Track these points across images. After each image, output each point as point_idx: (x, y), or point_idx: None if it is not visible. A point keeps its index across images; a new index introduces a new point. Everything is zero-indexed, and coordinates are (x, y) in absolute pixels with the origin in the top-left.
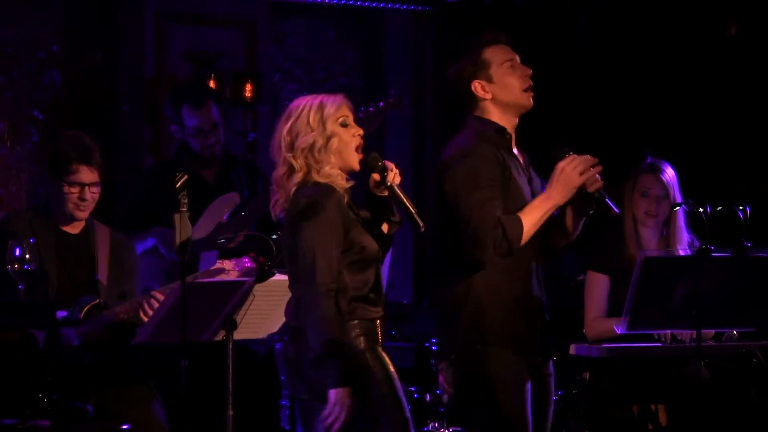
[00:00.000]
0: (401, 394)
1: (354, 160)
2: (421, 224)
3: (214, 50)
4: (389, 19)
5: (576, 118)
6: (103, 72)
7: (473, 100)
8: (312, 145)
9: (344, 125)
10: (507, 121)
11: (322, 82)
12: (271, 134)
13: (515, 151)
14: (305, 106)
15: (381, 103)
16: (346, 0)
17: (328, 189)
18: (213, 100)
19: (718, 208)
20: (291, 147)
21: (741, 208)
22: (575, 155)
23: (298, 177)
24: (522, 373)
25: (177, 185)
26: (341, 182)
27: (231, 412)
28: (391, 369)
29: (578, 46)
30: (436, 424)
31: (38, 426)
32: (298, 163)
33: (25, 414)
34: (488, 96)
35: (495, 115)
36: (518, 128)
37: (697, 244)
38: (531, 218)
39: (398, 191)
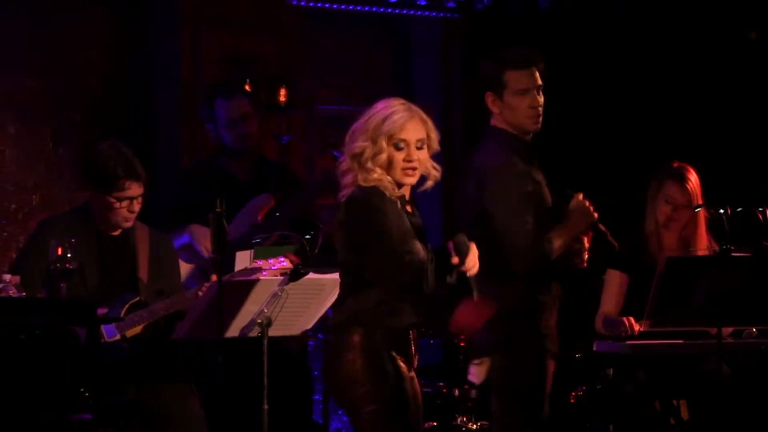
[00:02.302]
0: (398, 409)
1: (401, 180)
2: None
3: (248, 56)
4: (419, 26)
5: (602, 121)
6: (141, 77)
7: (490, 110)
8: (360, 154)
9: (398, 148)
10: (519, 133)
11: (354, 87)
12: (304, 137)
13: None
14: (375, 113)
15: None
16: (376, 7)
17: (376, 192)
18: (244, 94)
19: (738, 210)
20: (348, 146)
21: (760, 209)
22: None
23: (350, 177)
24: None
25: (213, 187)
26: (391, 189)
27: (266, 407)
28: (394, 382)
29: (603, 51)
30: (465, 419)
31: (80, 420)
32: (349, 164)
33: (67, 408)
34: (496, 110)
35: (501, 127)
36: (546, 130)
37: (715, 245)
38: (558, 241)
39: (471, 281)
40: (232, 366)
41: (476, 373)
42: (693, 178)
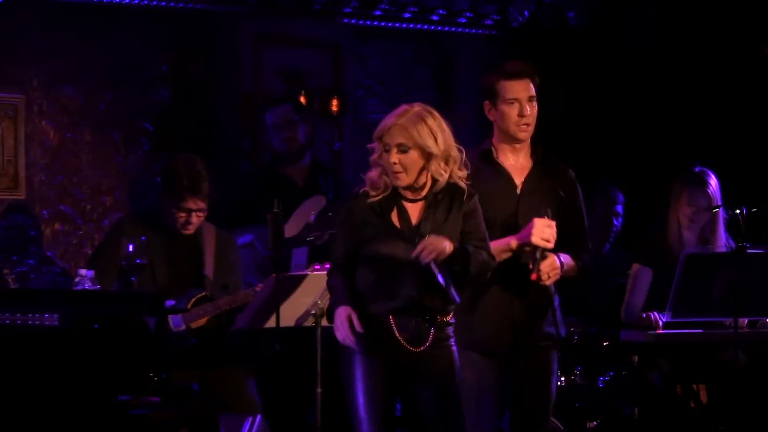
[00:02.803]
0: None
1: (391, 180)
2: None
3: (303, 69)
4: (460, 42)
5: (628, 126)
6: (205, 89)
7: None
8: (374, 153)
9: (386, 150)
10: (506, 142)
11: (399, 97)
12: (354, 144)
13: (508, 169)
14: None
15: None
16: (420, 24)
17: (350, 196)
18: (292, 104)
19: (754, 210)
20: None
21: None
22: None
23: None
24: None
25: (271, 189)
26: (382, 188)
27: (320, 390)
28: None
29: (627, 63)
30: None
31: (149, 402)
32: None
33: (138, 391)
34: (491, 118)
35: (497, 134)
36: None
37: (732, 242)
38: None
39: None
40: (288, 353)
41: None
42: (713, 182)
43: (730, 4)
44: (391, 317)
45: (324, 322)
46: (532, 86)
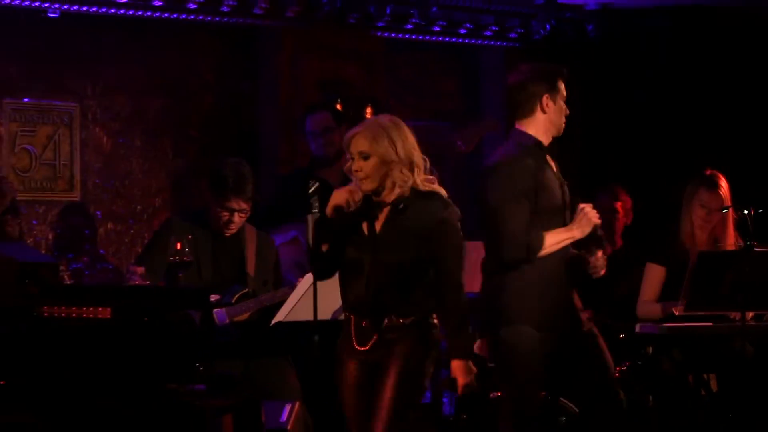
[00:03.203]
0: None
1: (360, 187)
2: None
3: (339, 79)
4: (484, 54)
5: (642, 134)
6: (247, 97)
7: (530, 110)
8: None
9: (351, 158)
10: (546, 137)
11: (429, 105)
12: None
13: (550, 161)
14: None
15: (479, 125)
16: (448, 38)
17: None
18: (330, 112)
19: (761, 210)
20: None
21: None
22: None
23: None
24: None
25: (309, 191)
26: (350, 202)
27: None
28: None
29: (642, 72)
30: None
31: (195, 390)
32: None
33: (185, 380)
34: (548, 111)
35: (540, 129)
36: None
37: (741, 241)
38: (553, 240)
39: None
40: (326, 344)
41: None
42: (724, 184)
43: (738, 18)
44: (351, 316)
45: None
46: None
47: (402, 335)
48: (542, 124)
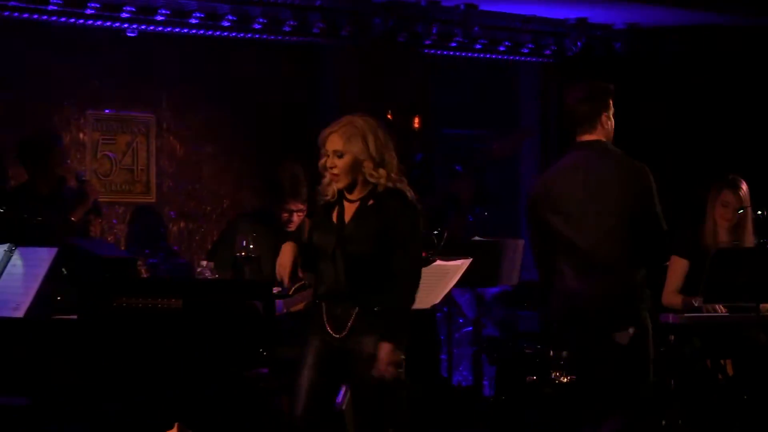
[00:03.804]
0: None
1: (333, 184)
2: None
3: (390, 92)
4: (522, 69)
5: (667, 140)
6: (309, 110)
7: (592, 125)
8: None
9: (326, 155)
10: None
11: (471, 115)
12: (432, 155)
13: None
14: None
15: (517, 133)
16: (489, 54)
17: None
18: (383, 121)
19: None
20: None
21: None
22: None
23: None
24: None
25: None
26: (330, 192)
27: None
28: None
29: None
30: (558, 374)
31: (259, 373)
32: None
33: (250, 364)
34: (606, 126)
35: (604, 137)
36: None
37: (757, 239)
38: None
39: None
40: None
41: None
42: (744, 186)
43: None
44: (323, 303)
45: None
46: None
47: (373, 323)
48: (605, 136)
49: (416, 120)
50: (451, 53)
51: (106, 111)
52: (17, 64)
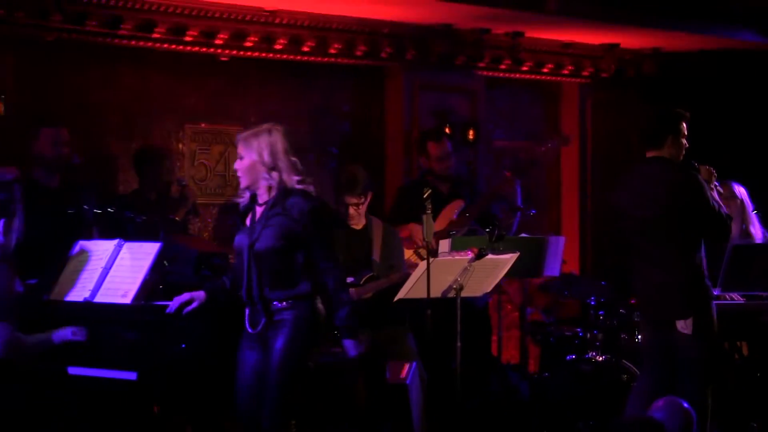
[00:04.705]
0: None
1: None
2: None
3: (448, 108)
4: (563, 88)
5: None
6: (376, 123)
7: (658, 145)
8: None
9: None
10: None
11: (518, 129)
12: (484, 163)
13: None
14: None
15: (555, 142)
16: (535, 75)
17: None
18: (449, 141)
19: None
20: None
21: None
22: None
23: None
24: None
25: (424, 197)
26: (240, 198)
27: (459, 344)
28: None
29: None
30: (594, 353)
31: (334, 351)
32: None
33: (327, 344)
34: (668, 147)
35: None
36: None
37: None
38: None
39: None
40: (436, 316)
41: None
42: (740, 190)
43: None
44: (246, 302)
45: (463, 294)
46: None
47: (284, 317)
48: (666, 155)
49: (471, 132)
50: (501, 74)
51: (202, 125)
52: (126, 86)
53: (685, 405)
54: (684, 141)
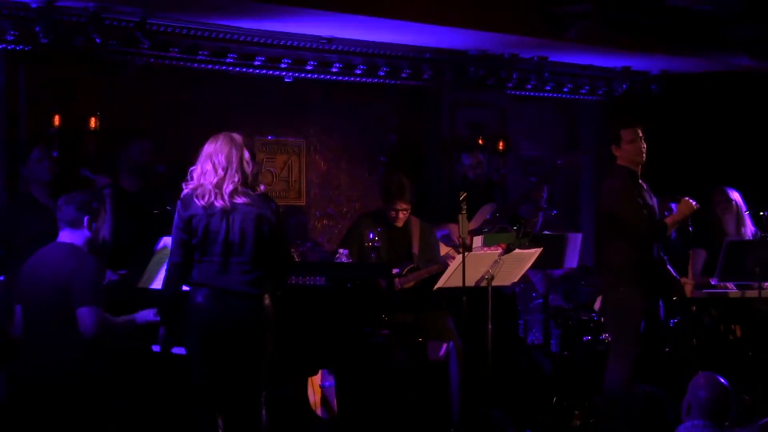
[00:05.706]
0: None
1: None
2: None
3: (482, 122)
4: (582, 105)
5: (691, 159)
6: (419, 134)
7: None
8: None
9: None
10: (634, 167)
11: (542, 140)
12: (513, 171)
13: (642, 183)
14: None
15: (576, 153)
16: (557, 94)
17: None
18: (481, 152)
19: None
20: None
21: None
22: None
23: None
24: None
25: (460, 199)
26: None
27: (490, 326)
28: None
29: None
30: (607, 335)
31: (382, 333)
32: None
33: (375, 326)
34: (618, 154)
35: (627, 163)
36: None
37: (759, 233)
38: (670, 221)
39: None
40: (470, 302)
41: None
42: (735, 195)
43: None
44: None
45: (494, 283)
46: (640, 131)
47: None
48: (625, 161)
49: (501, 144)
50: (527, 93)
51: (269, 137)
52: (204, 103)
53: (722, 380)
54: (632, 148)
